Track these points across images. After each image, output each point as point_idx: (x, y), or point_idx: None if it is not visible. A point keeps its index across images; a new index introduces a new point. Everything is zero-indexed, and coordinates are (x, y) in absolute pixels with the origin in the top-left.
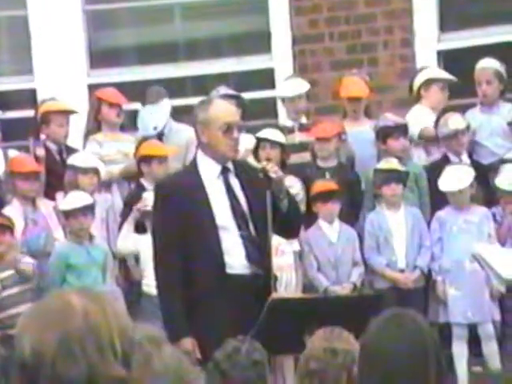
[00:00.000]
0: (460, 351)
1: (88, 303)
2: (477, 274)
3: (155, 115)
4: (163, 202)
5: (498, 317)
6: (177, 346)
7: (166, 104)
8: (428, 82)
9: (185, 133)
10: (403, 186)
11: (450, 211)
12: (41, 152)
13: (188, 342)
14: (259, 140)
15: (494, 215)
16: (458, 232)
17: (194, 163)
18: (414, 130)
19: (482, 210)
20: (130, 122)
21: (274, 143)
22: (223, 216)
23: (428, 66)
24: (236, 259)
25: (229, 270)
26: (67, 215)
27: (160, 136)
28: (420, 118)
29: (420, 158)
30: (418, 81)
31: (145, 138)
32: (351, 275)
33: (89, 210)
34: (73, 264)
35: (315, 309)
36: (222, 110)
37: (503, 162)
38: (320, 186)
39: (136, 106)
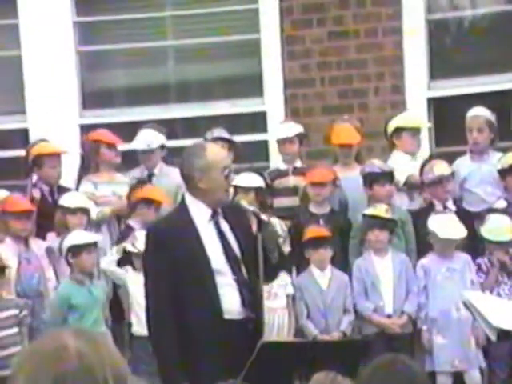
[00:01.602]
0: None
1: (82, 344)
2: (463, 322)
3: (151, 135)
4: (157, 247)
5: (483, 364)
6: None
7: (162, 137)
8: (398, 130)
9: (175, 175)
10: (390, 232)
11: (434, 259)
12: (37, 194)
13: None
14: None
15: (479, 265)
16: (442, 280)
17: (183, 207)
18: (397, 177)
19: (464, 256)
20: (123, 163)
21: (247, 189)
22: (218, 260)
23: (404, 112)
24: (232, 304)
25: (226, 316)
26: (77, 251)
27: (150, 177)
28: (400, 165)
29: (402, 204)
30: (389, 130)
31: (139, 182)
32: (341, 323)
33: (95, 247)
34: (74, 304)
35: (304, 353)
36: (220, 154)
37: (491, 210)
38: (312, 232)
39: (128, 146)
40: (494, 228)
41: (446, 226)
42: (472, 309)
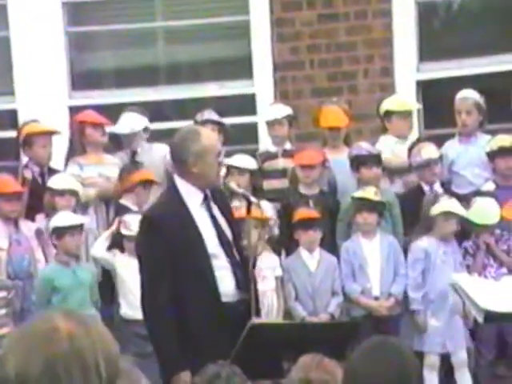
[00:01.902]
0: (431, 380)
1: (73, 326)
2: (456, 306)
3: (134, 118)
4: (153, 232)
5: (470, 345)
6: (175, 379)
7: (145, 120)
8: (388, 113)
9: (158, 151)
10: (378, 215)
11: (433, 242)
12: (28, 174)
13: (187, 376)
14: (229, 167)
15: (466, 249)
16: (441, 263)
17: (175, 191)
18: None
19: (452, 239)
20: (111, 145)
21: (242, 170)
22: (212, 244)
23: (394, 95)
24: (227, 287)
25: (223, 299)
26: (61, 233)
27: (133, 156)
28: (384, 149)
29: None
30: (381, 112)
31: (133, 164)
32: (329, 305)
33: (81, 228)
34: (58, 286)
35: (293, 335)
36: (213, 138)
37: (478, 193)
38: (302, 213)
39: (111, 129)
40: (481, 211)
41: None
42: (460, 291)
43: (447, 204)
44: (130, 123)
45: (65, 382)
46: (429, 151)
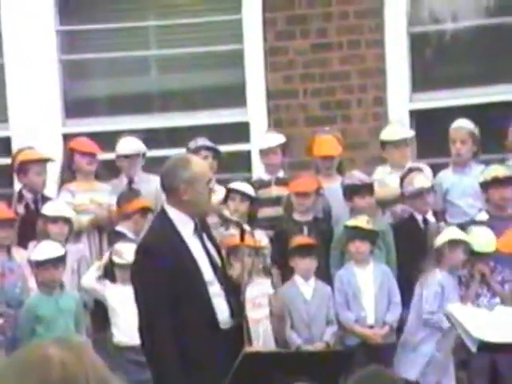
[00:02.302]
0: None
1: (65, 354)
2: (440, 331)
3: (135, 142)
4: (150, 262)
5: (463, 376)
6: None
7: (143, 145)
8: (384, 144)
9: (154, 183)
10: (371, 243)
11: (445, 275)
12: (20, 209)
13: None
14: (229, 191)
15: (459, 278)
16: (453, 297)
17: (166, 220)
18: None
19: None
20: (106, 172)
21: (244, 196)
22: (207, 272)
23: (391, 124)
24: (223, 314)
25: (221, 326)
26: (38, 266)
27: (129, 184)
28: (380, 179)
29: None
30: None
31: (131, 191)
32: (325, 333)
33: (60, 261)
34: (40, 315)
35: (286, 363)
36: (204, 166)
37: (474, 223)
38: (299, 240)
39: (111, 156)
40: (478, 239)
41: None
42: (453, 320)
43: (451, 232)
44: (132, 145)
45: None
46: (421, 180)
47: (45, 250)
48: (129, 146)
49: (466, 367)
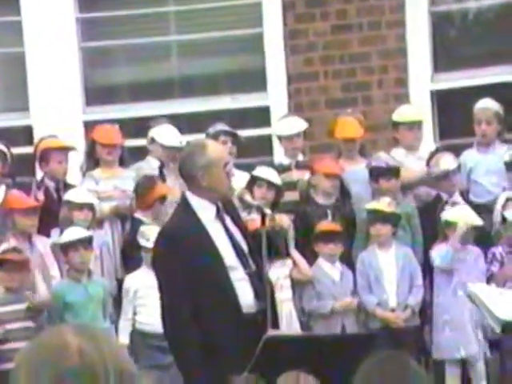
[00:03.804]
0: None
1: (83, 341)
2: (470, 313)
3: (175, 132)
4: (171, 250)
5: (488, 353)
6: None
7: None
8: (396, 125)
9: None
10: (392, 226)
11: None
12: (40, 196)
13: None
14: (255, 178)
15: (493, 254)
16: (455, 269)
17: (187, 207)
18: None
19: (476, 249)
20: (129, 158)
21: (271, 184)
22: (229, 257)
23: (402, 106)
24: (247, 298)
25: (244, 310)
26: (67, 249)
27: (161, 170)
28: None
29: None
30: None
31: (149, 179)
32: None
33: (88, 243)
34: (69, 302)
35: (308, 347)
36: (220, 150)
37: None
38: (323, 226)
39: (132, 142)
40: None
41: (467, 215)
42: (477, 301)
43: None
44: (175, 138)
45: None
46: (447, 162)
47: (73, 233)
48: (174, 136)
49: (498, 348)
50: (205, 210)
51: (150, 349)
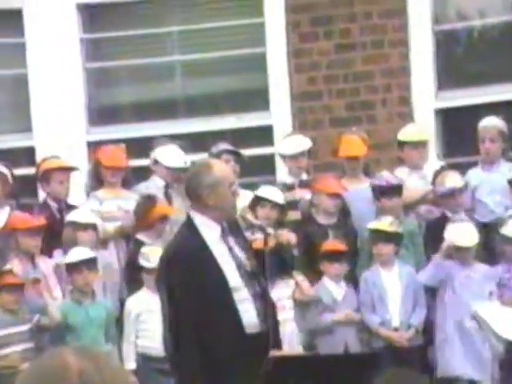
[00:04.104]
0: None
1: (84, 362)
2: (476, 332)
3: (179, 153)
4: (174, 270)
5: (497, 375)
6: None
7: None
8: (401, 144)
9: None
10: (395, 245)
11: (455, 264)
12: (41, 222)
13: None
14: (259, 198)
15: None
16: (459, 287)
17: (192, 227)
18: None
19: (485, 267)
20: (132, 178)
21: (275, 204)
22: (233, 278)
23: (408, 125)
24: (250, 319)
25: (247, 331)
26: (71, 269)
27: (166, 189)
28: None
29: None
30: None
31: (149, 198)
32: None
33: (93, 264)
34: (71, 324)
35: (312, 367)
36: (225, 169)
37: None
38: (328, 246)
39: (135, 162)
40: None
41: (460, 233)
42: (480, 320)
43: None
44: (182, 157)
45: None
46: (453, 180)
47: (77, 253)
48: (178, 157)
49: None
50: (209, 230)
51: (153, 372)
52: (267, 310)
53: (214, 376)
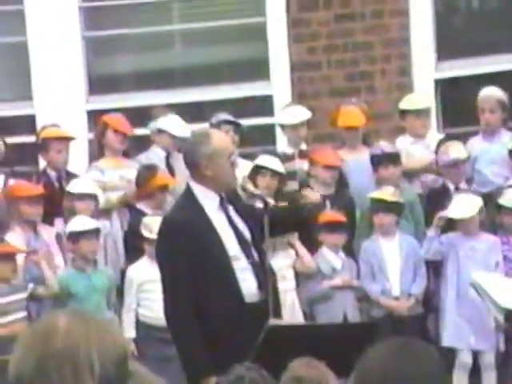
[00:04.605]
0: (462, 379)
1: (73, 324)
2: (479, 303)
3: (182, 122)
4: (174, 239)
5: (502, 347)
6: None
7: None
8: (403, 113)
9: None
10: (396, 215)
11: (459, 236)
12: (41, 190)
13: (213, 380)
14: (259, 167)
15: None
16: (464, 258)
17: (191, 196)
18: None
19: (491, 238)
20: (131, 148)
21: (275, 173)
22: (232, 247)
23: (410, 94)
24: (250, 288)
25: (246, 300)
26: (74, 238)
27: (167, 159)
28: (401, 150)
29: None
30: (400, 110)
31: (149, 168)
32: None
33: (97, 233)
34: (73, 292)
35: (310, 336)
36: (224, 140)
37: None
38: (328, 216)
39: (135, 131)
40: None
41: (455, 206)
42: (480, 290)
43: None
44: (183, 128)
45: (55, 380)
46: (457, 151)
47: (81, 222)
48: (180, 127)
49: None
50: (208, 200)
51: (155, 341)
52: (266, 279)
53: (213, 344)
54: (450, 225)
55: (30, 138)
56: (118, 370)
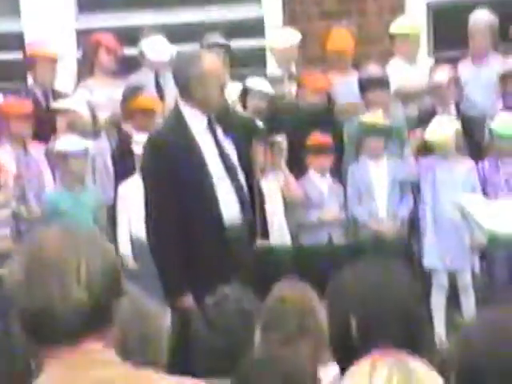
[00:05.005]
0: (439, 300)
1: (64, 239)
2: (457, 223)
3: (165, 44)
4: (156, 159)
5: (476, 266)
6: (177, 302)
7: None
8: (393, 37)
9: None
10: (385, 138)
11: (436, 158)
12: (30, 107)
13: (189, 300)
14: (248, 89)
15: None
16: (440, 181)
17: (179, 115)
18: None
19: (468, 162)
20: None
21: (263, 94)
22: (216, 168)
23: (400, 17)
24: (231, 210)
25: (227, 222)
26: (63, 157)
27: (157, 81)
28: (394, 73)
29: (397, 112)
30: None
31: (133, 90)
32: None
33: (87, 153)
34: (61, 210)
35: (296, 257)
36: (215, 62)
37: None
38: (315, 139)
39: (125, 51)
40: (506, 123)
41: (431, 128)
42: (463, 212)
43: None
44: (169, 49)
45: (42, 288)
46: (443, 73)
47: (71, 141)
48: (165, 49)
49: (485, 259)
50: (196, 120)
51: (148, 257)
52: (252, 202)
53: (194, 265)
54: (429, 149)
55: (17, 55)
56: (106, 280)
